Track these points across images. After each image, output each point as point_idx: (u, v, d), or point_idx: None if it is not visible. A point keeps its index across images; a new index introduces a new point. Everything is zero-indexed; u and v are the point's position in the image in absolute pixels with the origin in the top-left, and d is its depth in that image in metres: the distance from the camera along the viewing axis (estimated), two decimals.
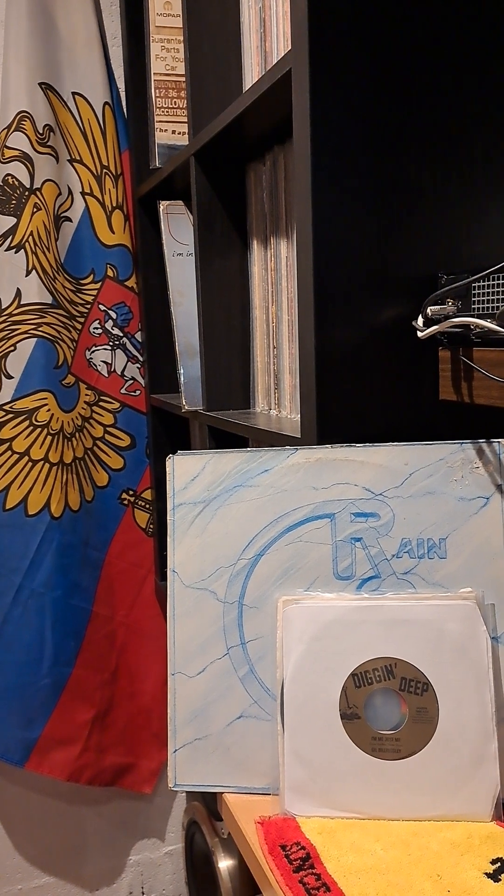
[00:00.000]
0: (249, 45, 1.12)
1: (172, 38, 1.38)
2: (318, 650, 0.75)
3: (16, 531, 1.54)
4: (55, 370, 1.54)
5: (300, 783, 0.73)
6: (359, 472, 0.77)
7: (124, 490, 1.67)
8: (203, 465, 0.81)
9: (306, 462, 0.79)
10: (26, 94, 1.47)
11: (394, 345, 0.82)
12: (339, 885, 0.63)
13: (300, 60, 0.77)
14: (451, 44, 0.80)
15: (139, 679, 1.72)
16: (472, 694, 0.72)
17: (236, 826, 0.74)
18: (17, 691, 1.56)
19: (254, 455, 0.80)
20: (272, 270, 1.12)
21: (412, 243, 0.82)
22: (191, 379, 1.29)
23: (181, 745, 0.79)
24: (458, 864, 0.65)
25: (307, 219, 0.79)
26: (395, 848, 0.68)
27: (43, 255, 1.50)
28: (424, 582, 0.75)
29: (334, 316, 0.80)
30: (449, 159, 0.82)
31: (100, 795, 1.86)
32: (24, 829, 1.82)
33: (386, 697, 0.73)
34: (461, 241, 0.83)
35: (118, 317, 1.62)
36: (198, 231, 1.18)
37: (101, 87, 1.54)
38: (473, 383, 0.77)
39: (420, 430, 0.83)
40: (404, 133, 0.80)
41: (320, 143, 0.77)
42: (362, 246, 0.80)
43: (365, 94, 0.78)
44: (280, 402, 1.12)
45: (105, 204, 1.57)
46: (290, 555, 0.78)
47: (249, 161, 1.16)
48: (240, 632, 0.79)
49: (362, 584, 0.76)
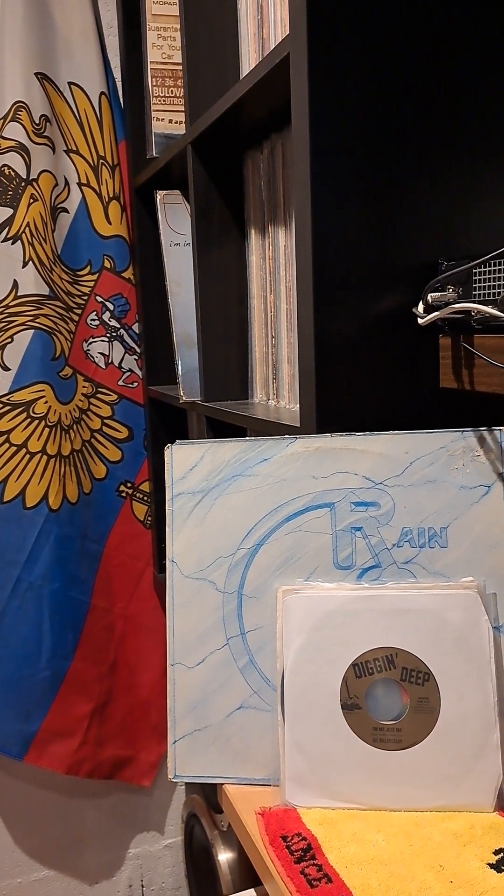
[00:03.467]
0: (246, 32, 1.11)
1: (169, 26, 1.37)
2: (319, 640, 0.74)
3: (14, 523, 1.53)
4: (52, 362, 1.53)
5: (301, 774, 0.73)
6: (359, 461, 0.77)
7: (122, 482, 1.67)
8: (202, 454, 0.81)
9: (306, 451, 0.78)
10: (22, 85, 1.46)
11: (394, 332, 0.82)
12: (340, 875, 0.63)
13: (298, 45, 0.76)
14: (451, 29, 0.79)
15: (138, 671, 1.72)
16: (473, 684, 0.71)
17: (237, 817, 0.74)
18: (15, 684, 1.56)
19: (253, 444, 0.79)
20: (270, 259, 1.11)
21: (412, 230, 0.81)
22: (188, 370, 1.29)
23: (181, 735, 0.79)
24: (460, 855, 0.64)
25: (306, 206, 0.78)
26: (396, 839, 0.67)
27: (40, 246, 1.49)
28: (425, 571, 0.75)
29: (333, 304, 0.80)
30: (449, 145, 0.81)
31: (99, 788, 1.86)
32: (23, 822, 1.82)
33: (387, 687, 0.73)
34: (461, 227, 0.83)
35: (115, 308, 1.61)
36: (195, 220, 1.17)
37: (97, 76, 1.53)
38: (474, 370, 0.76)
39: (420, 418, 0.83)
40: (403, 119, 0.79)
41: (319, 130, 0.76)
42: (361, 233, 0.80)
43: (364, 79, 0.77)
44: (278, 392, 1.12)
45: (102, 194, 1.56)
46: (290, 544, 0.77)
47: (247, 149, 1.16)
48: (239, 622, 0.78)
49: (363, 574, 0.76)
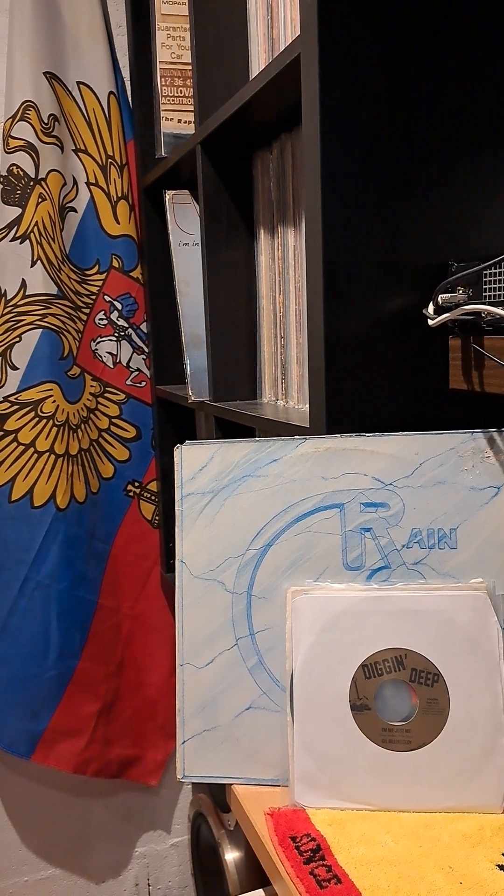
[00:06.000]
0: (256, 32, 1.11)
1: (178, 25, 1.37)
2: (328, 641, 0.74)
3: (21, 523, 1.54)
4: (60, 361, 1.53)
5: (310, 774, 0.73)
6: (368, 462, 0.77)
7: (130, 482, 1.67)
8: (211, 454, 0.81)
9: (315, 452, 0.78)
10: (31, 84, 1.46)
11: (403, 333, 0.82)
12: (350, 876, 0.63)
13: (309, 46, 0.76)
14: (462, 29, 0.79)
15: (145, 671, 1.72)
16: (482, 685, 0.71)
17: (245, 818, 0.74)
18: (22, 683, 1.56)
19: (262, 445, 0.79)
20: (279, 259, 1.11)
21: (422, 231, 0.81)
22: (197, 369, 1.29)
23: (189, 736, 0.79)
24: (469, 856, 0.64)
25: (316, 207, 0.78)
26: (405, 839, 0.67)
27: (48, 245, 1.49)
28: (435, 572, 0.75)
29: (343, 304, 0.80)
30: (459, 145, 0.81)
31: (105, 787, 1.87)
32: (30, 821, 1.82)
33: (396, 688, 0.73)
34: (471, 229, 0.82)
35: (123, 308, 1.61)
36: (204, 220, 1.17)
37: (105, 76, 1.53)
38: (484, 372, 0.76)
39: (430, 419, 0.83)
40: (414, 119, 0.79)
41: (330, 130, 0.76)
42: (372, 234, 0.80)
43: (374, 80, 0.77)
44: (287, 393, 1.12)
45: (110, 194, 1.56)
46: (300, 545, 0.77)
47: (256, 149, 1.15)
48: (248, 622, 0.78)
49: (372, 575, 0.76)
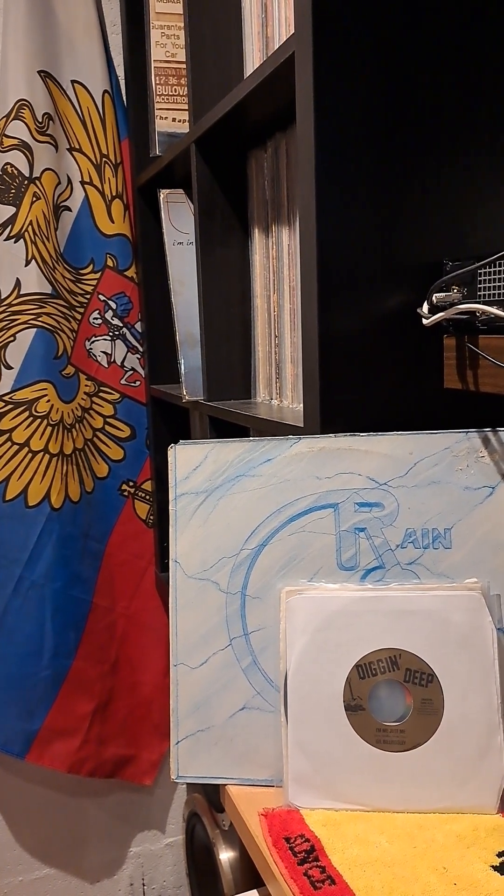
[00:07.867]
0: (251, 30, 1.11)
1: (172, 24, 1.37)
2: (322, 641, 0.74)
3: (16, 522, 1.53)
4: (55, 361, 1.53)
5: (304, 775, 0.73)
6: (362, 462, 0.77)
7: (124, 481, 1.67)
8: (205, 454, 0.81)
9: (309, 451, 0.78)
10: (25, 83, 1.45)
11: (398, 333, 0.82)
12: (344, 877, 0.62)
13: (303, 44, 0.76)
14: (456, 28, 0.79)
15: (139, 671, 1.72)
16: (477, 685, 0.71)
17: (240, 818, 0.74)
18: (17, 683, 1.56)
19: (256, 444, 0.79)
20: (273, 258, 1.11)
21: (417, 230, 0.81)
22: (191, 369, 1.28)
23: (184, 736, 0.79)
24: (463, 857, 0.64)
25: (310, 205, 0.77)
26: (400, 840, 0.67)
27: (42, 244, 1.49)
28: (429, 572, 0.75)
29: (338, 304, 0.79)
30: (454, 144, 0.81)
31: (100, 787, 1.86)
32: (25, 820, 1.82)
33: (390, 689, 0.73)
34: (466, 228, 0.82)
35: (118, 307, 1.61)
36: (198, 219, 1.17)
37: (100, 74, 1.53)
38: (479, 371, 0.76)
39: (424, 418, 0.82)
40: (408, 118, 0.79)
41: (324, 128, 0.76)
42: (366, 232, 0.79)
43: (369, 78, 0.77)
44: (282, 392, 1.11)
45: (105, 193, 1.56)
46: (294, 545, 0.77)
47: (250, 148, 1.15)
48: (242, 623, 0.78)
49: (366, 575, 0.76)
